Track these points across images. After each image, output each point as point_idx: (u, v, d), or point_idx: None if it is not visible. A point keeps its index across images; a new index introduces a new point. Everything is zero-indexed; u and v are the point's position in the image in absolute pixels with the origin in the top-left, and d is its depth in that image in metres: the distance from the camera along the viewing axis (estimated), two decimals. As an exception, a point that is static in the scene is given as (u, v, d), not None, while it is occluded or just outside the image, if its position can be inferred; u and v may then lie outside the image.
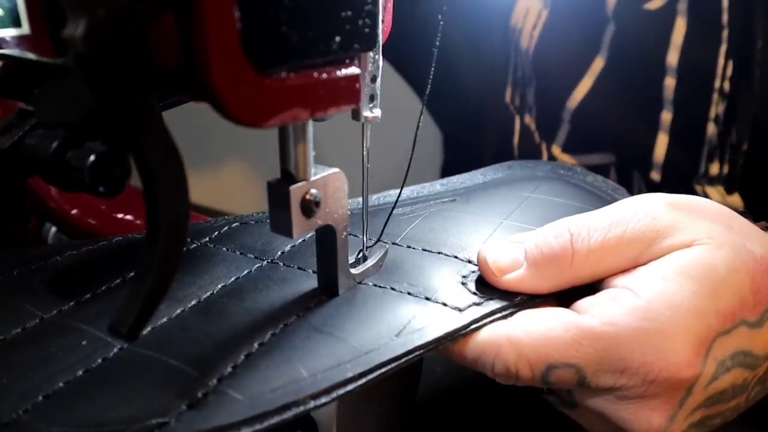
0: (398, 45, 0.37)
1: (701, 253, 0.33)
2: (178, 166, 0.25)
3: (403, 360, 0.30)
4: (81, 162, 0.25)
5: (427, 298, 0.34)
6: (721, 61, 0.56)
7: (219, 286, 0.35)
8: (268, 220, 0.41)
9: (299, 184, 0.30)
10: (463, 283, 0.35)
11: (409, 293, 0.34)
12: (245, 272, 0.36)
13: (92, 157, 0.25)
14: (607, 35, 0.62)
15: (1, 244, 0.54)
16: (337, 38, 0.26)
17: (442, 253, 0.38)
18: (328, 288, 0.34)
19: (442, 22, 0.35)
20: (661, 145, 0.60)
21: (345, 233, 0.33)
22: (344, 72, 0.28)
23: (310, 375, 0.28)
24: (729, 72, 0.56)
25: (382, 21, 0.31)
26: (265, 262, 0.37)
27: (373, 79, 0.32)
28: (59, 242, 0.42)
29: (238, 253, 0.38)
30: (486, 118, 0.73)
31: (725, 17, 0.55)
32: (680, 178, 0.60)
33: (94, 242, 0.40)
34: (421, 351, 0.31)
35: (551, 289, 0.34)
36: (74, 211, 0.53)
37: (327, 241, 0.33)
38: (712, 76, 0.57)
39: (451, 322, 0.32)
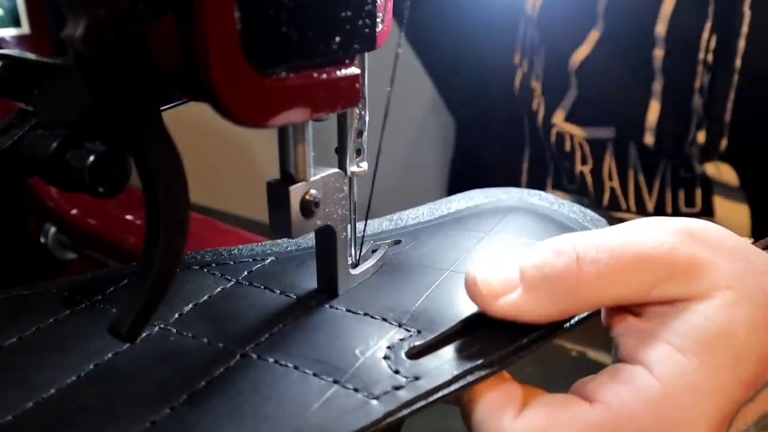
0: (412, 19, 0.35)
1: (719, 316, 0.29)
2: (178, 166, 0.25)
3: None
4: (80, 162, 0.25)
5: (336, 381, 0.28)
6: (705, 34, 0.58)
7: (90, 366, 0.29)
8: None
9: (299, 184, 0.30)
10: (386, 357, 0.29)
11: (314, 374, 0.28)
12: (126, 346, 0.30)
13: (92, 158, 0.25)
14: (601, 5, 0.64)
15: (1, 244, 0.54)
16: (337, 38, 0.26)
17: (368, 315, 0.32)
18: (327, 289, 0.34)
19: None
20: (654, 110, 0.63)
21: (344, 233, 0.33)
22: (344, 72, 0.28)
23: None
24: (713, 45, 0.58)
25: (381, 21, 0.31)
26: (156, 328, 0.31)
27: (360, 134, 0.32)
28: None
29: None
30: (496, 87, 0.76)
31: None
32: (673, 143, 0.62)
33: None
34: None
35: (552, 318, 0.30)
36: (74, 211, 0.53)
37: (326, 241, 0.33)
38: (696, 48, 0.59)
39: (360, 416, 0.26)
